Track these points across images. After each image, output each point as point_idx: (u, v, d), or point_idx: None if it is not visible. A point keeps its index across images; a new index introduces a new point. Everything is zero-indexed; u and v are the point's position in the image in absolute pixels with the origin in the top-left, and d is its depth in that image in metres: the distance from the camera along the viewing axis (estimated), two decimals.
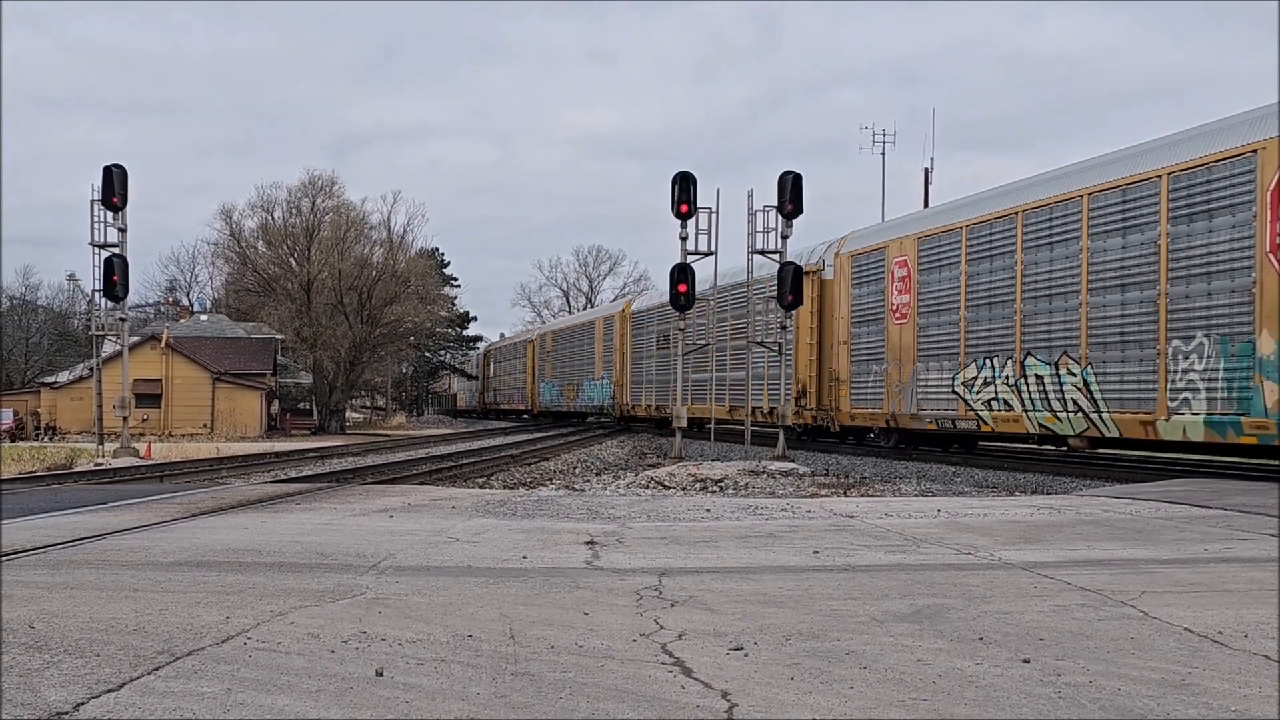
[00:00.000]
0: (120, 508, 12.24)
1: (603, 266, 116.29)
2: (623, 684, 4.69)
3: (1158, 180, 18.32)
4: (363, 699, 4.43)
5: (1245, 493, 13.94)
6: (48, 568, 7.71)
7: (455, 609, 6.27)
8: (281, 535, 9.62)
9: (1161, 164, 18.33)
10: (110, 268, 28.01)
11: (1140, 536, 9.74)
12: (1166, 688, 4.65)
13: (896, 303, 26.32)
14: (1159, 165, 18.36)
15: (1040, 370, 21.27)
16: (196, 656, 5.08)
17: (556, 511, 11.95)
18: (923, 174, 52.59)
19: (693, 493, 18.35)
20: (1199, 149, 17.62)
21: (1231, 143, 16.97)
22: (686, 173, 25.96)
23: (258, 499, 13.45)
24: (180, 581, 7.14)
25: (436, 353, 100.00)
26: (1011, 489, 19.38)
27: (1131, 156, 19.40)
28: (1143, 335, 18.66)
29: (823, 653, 5.25)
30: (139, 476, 22.86)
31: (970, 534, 9.88)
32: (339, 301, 60.94)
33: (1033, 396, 21.47)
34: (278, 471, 26.94)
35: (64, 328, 76.72)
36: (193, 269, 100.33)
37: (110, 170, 27.76)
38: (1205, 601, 6.56)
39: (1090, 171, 20.31)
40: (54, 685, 4.56)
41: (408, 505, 12.57)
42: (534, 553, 8.61)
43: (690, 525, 10.66)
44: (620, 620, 6.00)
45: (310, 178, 64.91)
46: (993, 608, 6.35)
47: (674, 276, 26.43)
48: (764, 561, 8.28)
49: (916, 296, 25.47)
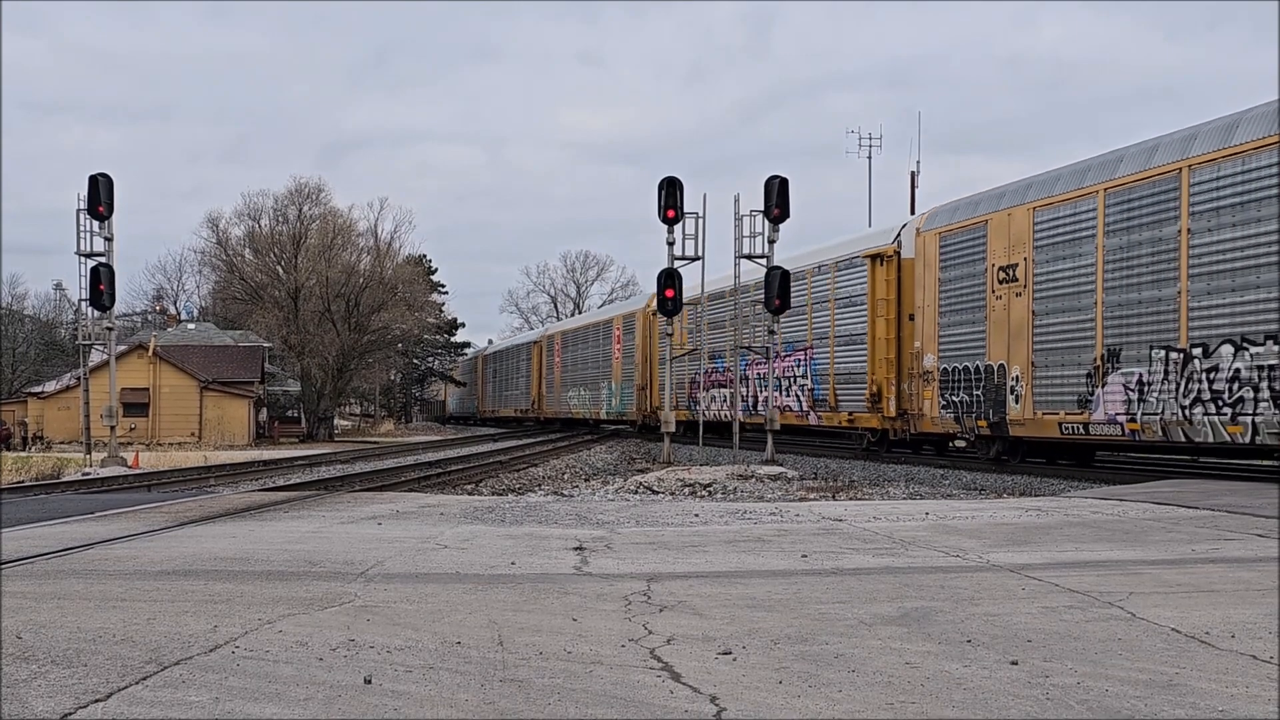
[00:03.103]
0: (108, 517, 12.20)
1: (590, 272, 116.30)
2: (611, 689, 4.69)
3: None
4: (351, 707, 4.43)
5: (1232, 493, 13.99)
6: (35, 578, 7.69)
7: (444, 616, 6.26)
8: (269, 543, 9.60)
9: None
10: (97, 277, 27.91)
11: (1128, 538, 9.77)
12: (1154, 688, 4.66)
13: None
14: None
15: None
16: (185, 665, 5.07)
17: (545, 517, 11.95)
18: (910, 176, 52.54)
19: (681, 497, 18.35)
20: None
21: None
22: (673, 178, 25.98)
23: (245, 507, 13.42)
24: (168, 590, 7.12)
25: (425, 359, 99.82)
26: (999, 491, 19.42)
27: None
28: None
29: (811, 656, 5.26)
30: (127, 486, 22.78)
31: (958, 536, 9.90)
32: (326, 309, 60.80)
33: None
34: (266, 479, 26.86)
35: (51, 337, 76.38)
36: (180, 277, 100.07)
37: (96, 179, 27.66)
38: (1193, 602, 6.58)
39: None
40: (42, 695, 4.55)
41: (396, 512, 12.56)
42: (522, 559, 8.61)
43: (679, 530, 10.66)
44: (609, 626, 6.00)
45: (297, 185, 64.76)
46: (981, 610, 6.37)
47: (661, 282, 26.44)
48: (752, 565, 8.29)
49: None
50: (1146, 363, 18.29)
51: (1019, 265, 21.37)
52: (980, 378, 22.58)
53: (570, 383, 57.17)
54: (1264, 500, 12.87)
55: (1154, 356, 18.15)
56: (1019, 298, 21.36)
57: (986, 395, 22.31)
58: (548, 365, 62.55)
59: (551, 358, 61.64)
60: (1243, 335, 16.39)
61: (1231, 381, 16.64)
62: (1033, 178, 21.87)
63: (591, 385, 53.02)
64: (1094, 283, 19.42)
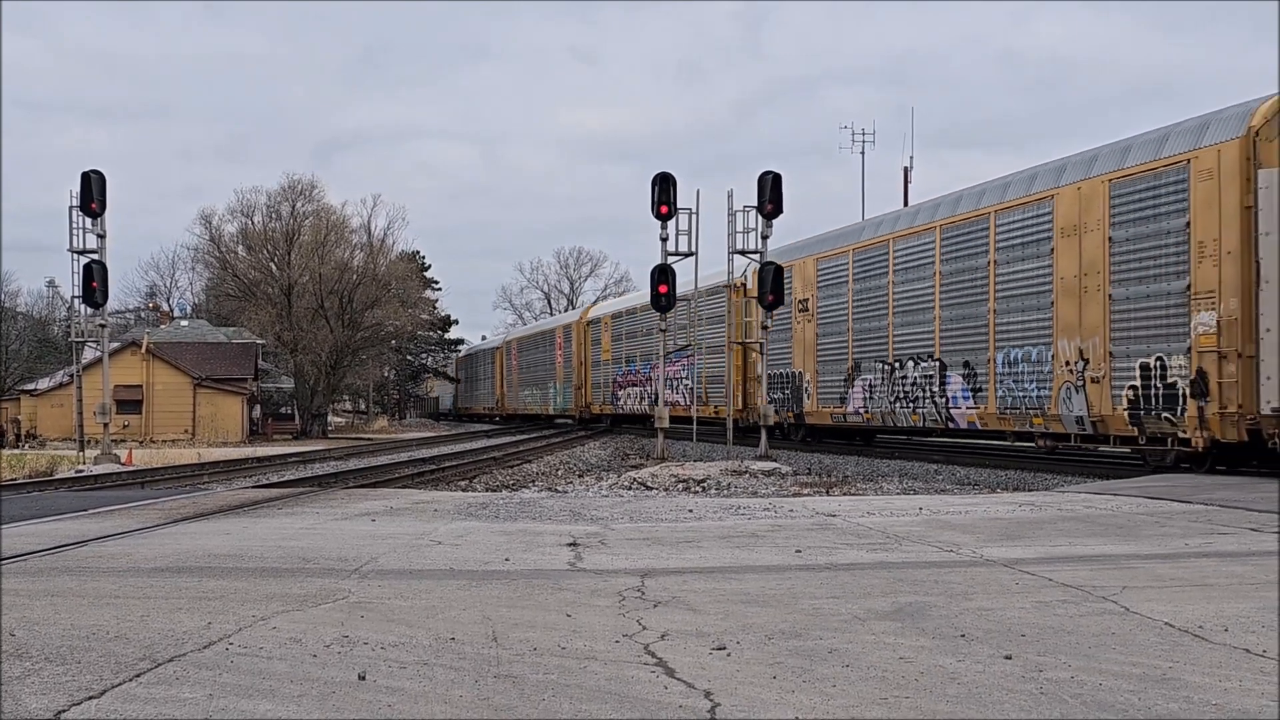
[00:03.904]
0: (101, 514, 12.19)
1: (584, 268, 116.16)
2: (605, 685, 4.69)
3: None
4: (345, 703, 4.42)
5: (1225, 488, 14.02)
6: (28, 575, 7.68)
7: (438, 612, 6.26)
8: (263, 540, 9.59)
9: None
10: (90, 274, 27.86)
11: (1121, 532, 9.79)
12: (1147, 682, 4.67)
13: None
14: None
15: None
16: (178, 663, 5.06)
17: (539, 513, 11.95)
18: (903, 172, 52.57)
19: (675, 493, 18.36)
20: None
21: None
22: (666, 174, 25.95)
23: (239, 504, 13.41)
24: (162, 587, 7.11)
25: (418, 356, 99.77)
26: (993, 486, 19.44)
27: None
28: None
29: (805, 651, 5.26)
30: (120, 483, 22.74)
31: (952, 531, 9.91)
32: (320, 305, 60.74)
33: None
34: (259, 476, 26.82)
35: (44, 334, 76.29)
36: (173, 274, 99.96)
37: (89, 176, 27.61)
38: (1186, 596, 6.60)
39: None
40: (35, 693, 4.54)
41: (390, 509, 12.55)
42: (516, 555, 8.61)
43: (673, 526, 10.67)
44: (603, 621, 6.00)
45: (290, 182, 64.75)
46: (975, 605, 6.37)
47: (654, 277, 26.43)
48: (746, 561, 8.29)
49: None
50: (873, 372, 26.29)
51: (809, 299, 29.50)
52: (789, 381, 30.76)
53: (525, 383, 65.17)
54: (1257, 495, 12.90)
55: (879, 368, 26.03)
56: (810, 323, 29.44)
57: (793, 394, 30.43)
58: (507, 368, 70.56)
59: (510, 361, 69.64)
60: (917, 355, 24.46)
61: (912, 386, 24.68)
62: (820, 236, 30.39)
63: (541, 385, 60.96)
64: (846, 315, 27.56)
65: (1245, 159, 16.27)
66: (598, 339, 50.00)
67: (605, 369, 48.61)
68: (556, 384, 57.35)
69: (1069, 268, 19.49)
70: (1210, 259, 16.71)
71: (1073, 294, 19.40)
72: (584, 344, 52.43)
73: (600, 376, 49.56)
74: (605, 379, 48.71)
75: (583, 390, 52.61)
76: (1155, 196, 17.77)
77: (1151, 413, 17.81)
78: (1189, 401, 16.83)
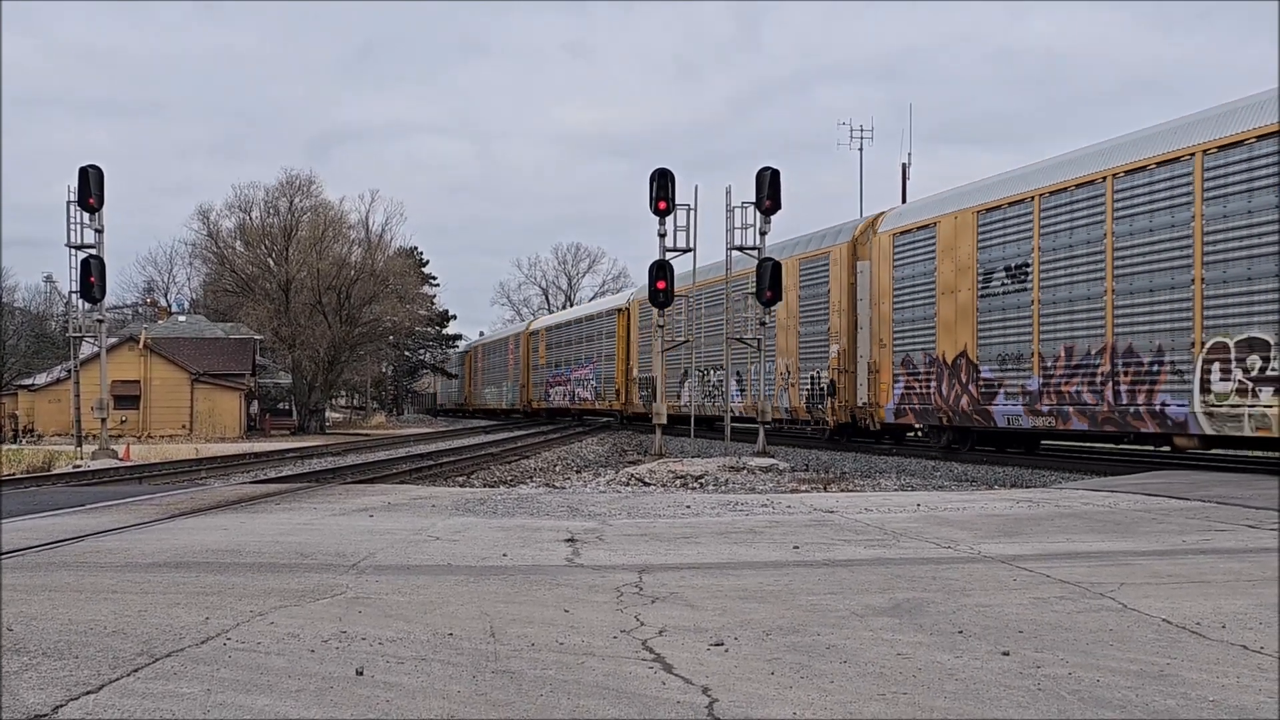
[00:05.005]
0: (99, 510, 12.18)
1: (582, 264, 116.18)
2: (603, 681, 4.69)
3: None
4: (343, 698, 4.42)
5: (1223, 484, 14.03)
6: (26, 570, 7.67)
7: (435, 607, 6.26)
8: (261, 535, 9.59)
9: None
10: (87, 269, 27.83)
11: (1119, 529, 9.79)
12: (1145, 678, 4.67)
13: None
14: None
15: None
16: (176, 658, 5.06)
17: (537, 509, 11.95)
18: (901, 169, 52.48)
19: (673, 489, 18.36)
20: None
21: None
22: (665, 169, 25.92)
23: (237, 499, 13.40)
24: (159, 583, 7.11)
25: (416, 352, 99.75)
26: (990, 483, 19.44)
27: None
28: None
29: (803, 647, 5.27)
30: (118, 478, 22.73)
31: (950, 528, 9.91)
32: (317, 301, 60.67)
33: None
34: (257, 472, 26.81)
35: (41, 330, 76.14)
36: (170, 270, 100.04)
37: (86, 171, 27.58)
38: (1183, 593, 6.60)
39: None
40: (32, 687, 4.54)
41: (388, 504, 12.55)
42: (514, 550, 8.61)
43: (670, 522, 10.67)
44: (601, 617, 6.00)
45: (288, 177, 64.65)
46: (972, 601, 6.38)
47: (652, 274, 26.42)
48: (744, 557, 8.29)
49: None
50: (692, 378, 35.67)
51: (663, 323, 36.01)
52: (652, 381, 37.55)
53: (486, 383, 78.45)
54: (1254, 491, 12.91)
55: (696, 375, 35.91)
56: (665, 339, 37.96)
57: (655, 390, 35.32)
58: (474, 369, 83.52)
59: (476, 364, 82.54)
60: (710, 366, 35.20)
61: (713, 387, 35.18)
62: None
63: (498, 385, 74.04)
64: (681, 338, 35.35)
65: (851, 254, 27.71)
66: (536, 348, 62.23)
67: (541, 372, 61.24)
68: (508, 383, 70.08)
69: (784, 313, 30.09)
70: (836, 312, 28.19)
71: (785, 329, 30.62)
72: (528, 351, 64.23)
73: (538, 378, 62.05)
74: (540, 380, 61.37)
75: (526, 388, 64.71)
76: (817, 270, 29.27)
77: (816, 406, 29.05)
78: (828, 399, 27.74)
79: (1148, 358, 17.83)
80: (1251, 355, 15.98)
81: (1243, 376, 16.11)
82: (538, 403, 62.02)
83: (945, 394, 23.52)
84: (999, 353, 21.69)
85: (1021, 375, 20.97)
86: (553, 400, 58.24)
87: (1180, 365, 17.23)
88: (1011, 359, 21.32)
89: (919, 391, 24.54)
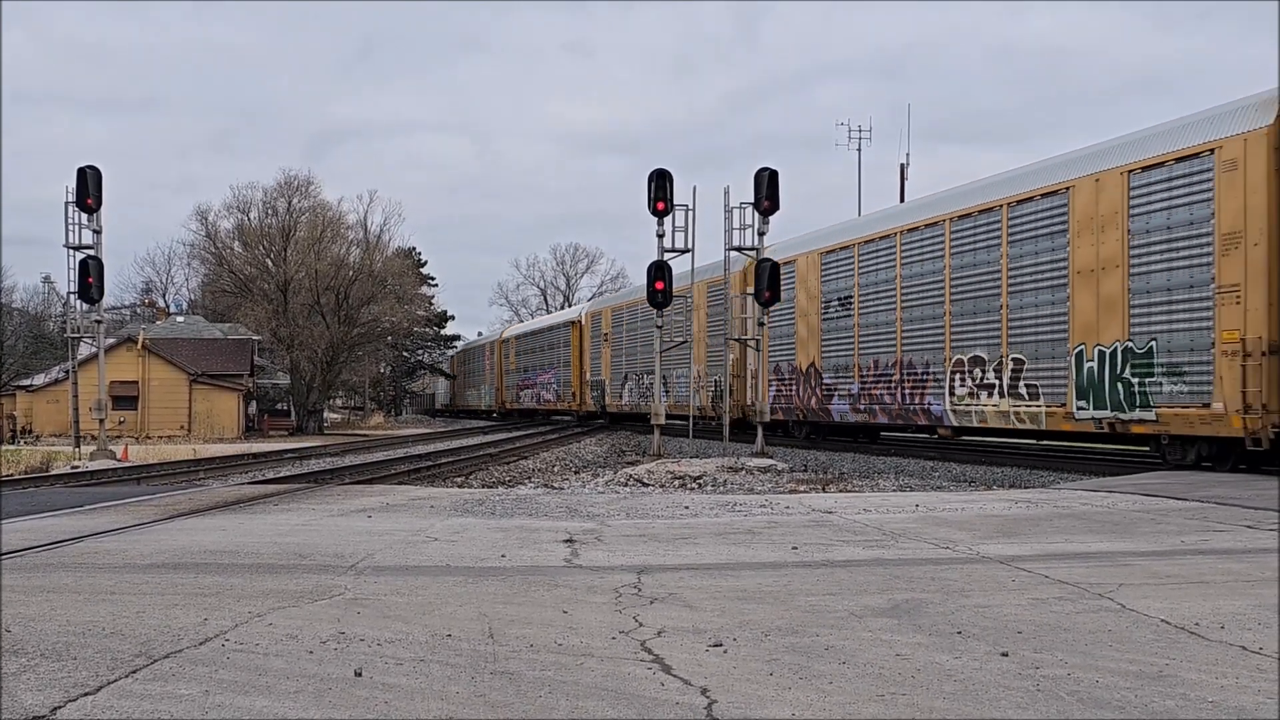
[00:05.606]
0: (97, 510, 12.17)
1: (580, 265, 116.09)
2: (602, 682, 4.69)
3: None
4: (341, 699, 4.42)
5: (1221, 485, 14.04)
6: (24, 571, 7.67)
7: (434, 608, 6.26)
8: (259, 536, 9.59)
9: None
10: (85, 269, 27.79)
11: (1117, 529, 9.80)
12: (1144, 679, 4.67)
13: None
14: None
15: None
16: (174, 659, 5.05)
17: (535, 510, 11.95)
18: (899, 169, 52.47)
19: (671, 490, 18.36)
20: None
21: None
22: (663, 170, 25.89)
23: (235, 500, 13.40)
24: (158, 584, 7.10)
25: (414, 352, 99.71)
26: (989, 483, 19.44)
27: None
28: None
29: (802, 648, 5.27)
30: (116, 479, 22.71)
31: (948, 528, 9.92)
32: (316, 302, 60.63)
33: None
34: (255, 472, 26.79)
35: (39, 330, 76.11)
36: (169, 270, 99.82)
37: (85, 171, 27.54)
38: (1182, 593, 6.60)
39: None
40: (31, 689, 4.53)
41: (386, 505, 12.54)
42: (513, 551, 8.61)
43: (669, 523, 10.67)
44: (599, 618, 6.00)
45: (286, 178, 64.61)
46: (971, 601, 6.38)
47: (651, 274, 26.40)
48: (743, 558, 8.29)
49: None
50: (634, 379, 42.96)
51: (608, 335, 46.33)
52: (600, 384, 47.87)
53: (469, 385, 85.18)
54: (1252, 492, 12.92)
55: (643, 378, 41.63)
56: (610, 348, 46.48)
57: (603, 392, 47.30)
58: (461, 373, 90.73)
59: (462, 367, 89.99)
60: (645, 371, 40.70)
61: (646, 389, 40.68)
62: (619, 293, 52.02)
63: (477, 386, 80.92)
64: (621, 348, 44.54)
65: (743, 282, 29.56)
66: (508, 354, 69.26)
67: (513, 376, 68.04)
68: (485, 386, 77.25)
69: (697, 328, 35.55)
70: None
71: (699, 341, 35.73)
72: (501, 357, 71.49)
73: (509, 381, 69.07)
74: (512, 383, 68.12)
75: (500, 391, 71.76)
76: (717, 295, 33.19)
77: (718, 404, 32.49)
78: (725, 399, 29.88)
79: (920, 370, 24.39)
80: (975, 369, 22.50)
81: (972, 384, 22.69)
82: (510, 404, 69.16)
83: (802, 396, 30.27)
84: (835, 364, 28.42)
85: (848, 382, 27.70)
86: (523, 402, 65.22)
87: (939, 375, 23.88)
88: (842, 369, 27.99)
89: (785, 394, 31.28)
